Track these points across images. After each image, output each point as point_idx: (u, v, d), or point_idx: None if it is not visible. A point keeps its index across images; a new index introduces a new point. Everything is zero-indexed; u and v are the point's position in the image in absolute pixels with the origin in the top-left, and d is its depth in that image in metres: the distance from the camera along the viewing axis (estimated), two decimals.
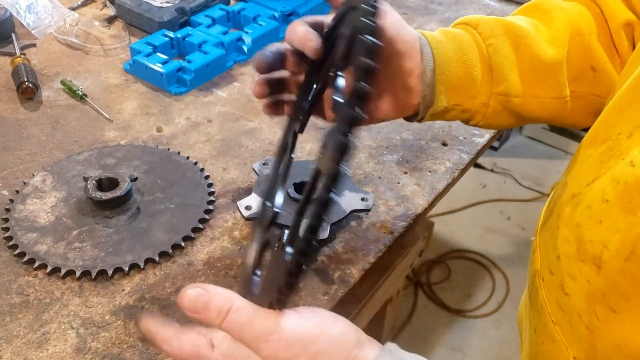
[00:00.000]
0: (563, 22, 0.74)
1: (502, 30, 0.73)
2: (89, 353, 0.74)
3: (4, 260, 0.85)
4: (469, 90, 0.74)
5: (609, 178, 0.56)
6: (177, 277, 0.84)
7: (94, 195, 0.89)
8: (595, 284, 0.55)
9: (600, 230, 0.55)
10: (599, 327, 0.56)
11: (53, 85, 1.20)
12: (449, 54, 0.72)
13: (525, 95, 0.74)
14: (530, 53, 0.72)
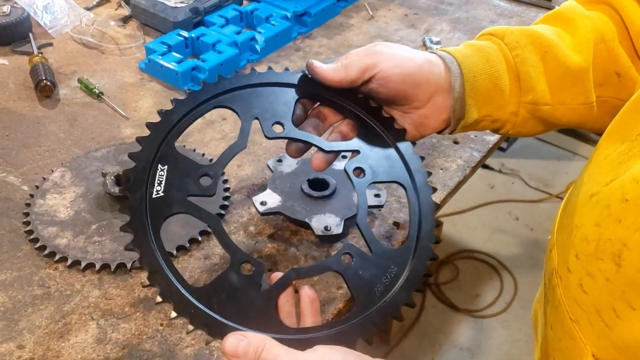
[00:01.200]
0: (587, 29, 0.75)
1: (527, 40, 0.75)
2: (109, 343, 0.76)
3: (25, 253, 0.87)
4: (498, 101, 0.75)
5: (628, 178, 0.56)
6: (194, 270, 0.85)
7: (112, 190, 0.91)
8: (614, 282, 0.56)
9: (619, 229, 0.55)
10: (619, 324, 0.56)
11: (70, 84, 1.22)
12: (477, 67, 0.74)
13: (553, 102, 0.75)
14: (556, 61, 0.74)
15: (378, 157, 0.72)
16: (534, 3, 1.58)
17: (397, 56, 0.71)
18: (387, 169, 0.72)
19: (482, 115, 0.76)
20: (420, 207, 0.70)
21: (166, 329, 0.78)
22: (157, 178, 0.63)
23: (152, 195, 0.63)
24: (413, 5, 1.56)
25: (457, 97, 0.73)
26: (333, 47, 1.38)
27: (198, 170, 0.66)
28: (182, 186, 0.65)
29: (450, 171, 1.04)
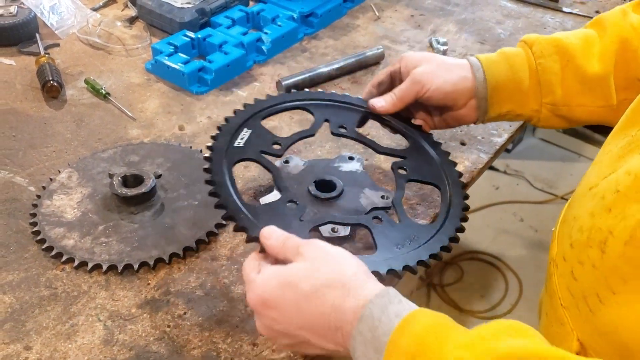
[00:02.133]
0: (613, 38, 0.86)
1: (553, 50, 0.88)
2: (117, 345, 0.76)
3: (32, 254, 0.87)
4: (520, 100, 0.90)
5: (623, 170, 0.59)
6: (201, 272, 0.85)
7: (119, 191, 0.91)
8: (599, 268, 0.59)
9: (608, 218, 0.58)
10: (601, 309, 0.59)
11: (77, 84, 1.22)
12: (500, 73, 0.89)
13: (571, 104, 0.88)
14: (576, 69, 0.86)
15: (419, 162, 0.89)
16: (541, 4, 1.57)
17: (437, 79, 0.88)
18: (426, 172, 0.89)
19: (506, 111, 0.91)
20: (451, 200, 0.85)
21: (173, 330, 0.78)
22: (240, 136, 0.84)
23: (234, 144, 0.83)
24: (419, 6, 1.56)
25: (482, 97, 0.89)
26: (339, 48, 1.38)
27: (272, 139, 0.87)
28: (258, 145, 0.85)
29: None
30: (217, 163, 0.79)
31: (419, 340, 0.54)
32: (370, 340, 0.57)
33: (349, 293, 0.60)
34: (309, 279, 0.62)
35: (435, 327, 0.55)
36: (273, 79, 1.26)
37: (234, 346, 0.76)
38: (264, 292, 0.64)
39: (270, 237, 0.68)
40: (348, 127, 0.91)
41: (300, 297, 0.62)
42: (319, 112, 0.91)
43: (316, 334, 0.62)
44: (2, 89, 1.20)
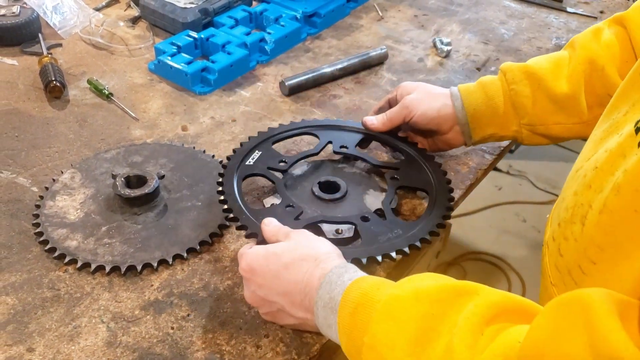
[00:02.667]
0: (580, 59, 0.93)
1: (523, 75, 0.95)
2: (120, 347, 0.76)
3: (35, 255, 0.86)
4: (499, 124, 0.98)
5: (602, 150, 0.64)
6: (204, 273, 0.85)
7: (122, 192, 0.91)
8: (580, 241, 0.63)
9: (589, 194, 0.62)
10: (584, 279, 0.62)
11: (79, 85, 1.21)
12: (477, 101, 0.97)
13: (547, 123, 0.96)
14: (547, 90, 0.94)
15: (411, 171, 0.97)
16: (545, 4, 1.57)
17: (423, 105, 0.97)
18: (415, 180, 0.96)
19: (489, 134, 0.99)
20: (436, 201, 0.91)
21: (177, 332, 0.77)
22: (252, 156, 0.96)
23: (245, 162, 0.95)
24: (422, 6, 1.55)
25: (463, 123, 0.98)
26: (342, 48, 1.37)
27: (279, 158, 0.97)
28: (265, 163, 0.96)
29: (462, 174, 1.03)
30: (229, 177, 0.91)
31: (364, 292, 0.64)
32: (328, 302, 0.67)
33: (318, 265, 0.71)
34: (290, 252, 0.74)
35: (380, 283, 0.66)
36: (276, 79, 1.26)
37: (238, 348, 0.76)
38: (252, 260, 0.75)
39: (269, 224, 0.81)
40: (349, 147, 1.00)
41: (280, 267, 0.73)
42: (323, 135, 1.02)
43: (290, 301, 0.72)
44: (4, 89, 1.19)
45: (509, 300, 0.59)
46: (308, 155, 1.00)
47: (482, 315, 0.56)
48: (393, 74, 1.30)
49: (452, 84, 1.26)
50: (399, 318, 0.60)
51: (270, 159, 0.97)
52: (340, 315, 0.65)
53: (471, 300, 0.58)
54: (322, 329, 0.70)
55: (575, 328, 0.47)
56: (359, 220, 0.87)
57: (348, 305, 0.65)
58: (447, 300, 0.59)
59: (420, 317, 0.59)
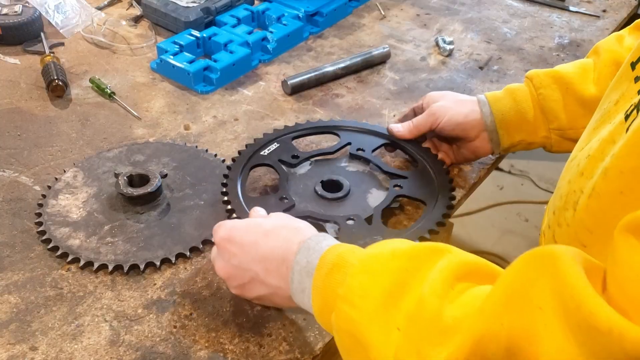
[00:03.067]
0: (606, 62, 0.93)
1: (551, 80, 0.95)
2: (123, 346, 0.76)
3: (38, 254, 0.86)
4: (527, 129, 0.97)
5: (595, 139, 0.66)
6: (207, 272, 0.85)
7: (125, 191, 0.91)
8: (572, 225, 0.65)
9: (581, 180, 0.64)
10: None
11: (82, 84, 1.21)
12: (505, 107, 0.97)
13: (577, 127, 0.94)
14: (575, 95, 0.94)
15: (417, 182, 0.95)
16: (547, 3, 1.56)
17: (450, 111, 0.98)
18: (419, 191, 0.94)
19: (517, 141, 0.98)
20: (431, 215, 0.89)
21: (180, 331, 0.77)
22: (268, 147, 0.99)
23: (261, 152, 0.99)
24: (425, 5, 1.55)
25: (491, 130, 0.98)
26: (345, 47, 1.37)
27: (293, 152, 0.99)
28: (278, 155, 0.98)
29: (465, 172, 1.03)
30: (236, 168, 0.95)
31: (340, 254, 0.66)
32: (305, 266, 0.68)
33: (298, 232, 0.73)
34: (271, 222, 0.76)
35: (356, 247, 0.67)
36: (279, 78, 1.26)
37: (241, 347, 0.76)
38: (232, 228, 0.76)
39: (257, 212, 0.82)
40: (366, 150, 1.01)
41: (260, 234, 0.74)
42: (345, 136, 1.04)
43: (265, 268, 0.72)
44: (7, 88, 1.19)
45: (481, 263, 0.60)
46: (322, 153, 1.01)
47: (454, 270, 0.57)
48: (395, 73, 1.29)
49: (454, 83, 1.26)
50: (374, 272, 0.62)
51: (284, 152, 0.99)
52: (315, 276, 0.66)
53: (444, 258, 0.59)
54: (294, 294, 0.70)
55: (542, 276, 0.49)
56: (344, 221, 0.87)
57: (324, 267, 0.66)
58: (421, 256, 0.61)
59: (395, 271, 0.61)
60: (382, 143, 1.03)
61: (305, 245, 0.70)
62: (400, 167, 1.03)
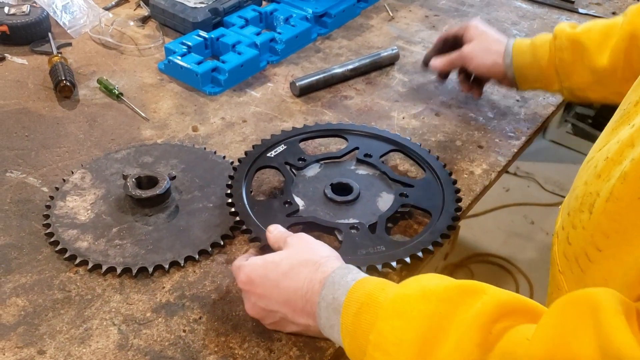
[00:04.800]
0: (623, 35, 0.95)
1: (569, 44, 1.01)
2: (131, 350, 0.75)
3: (46, 256, 0.86)
4: (544, 82, 1.07)
5: (614, 140, 0.65)
6: (216, 275, 0.84)
7: (133, 193, 0.90)
8: (587, 229, 0.63)
9: (598, 183, 0.63)
10: (590, 267, 0.63)
11: (89, 84, 1.21)
12: (525, 62, 1.06)
13: (586, 90, 1.02)
14: (589, 62, 0.99)
15: (423, 191, 0.94)
16: (556, 5, 1.55)
17: (476, 60, 1.11)
18: (425, 201, 0.93)
19: (535, 87, 1.10)
20: (435, 227, 0.87)
21: (189, 335, 0.76)
22: (275, 149, 0.99)
23: (267, 154, 0.98)
24: (433, 7, 1.54)
25: (511, 78, 1.09)
26: (353, 49, 1.36)
27: (300, 155, 0.98)
28: (285, 158, 0.98)
29: (476, 176, 1.02)
30: (241, 170, 0.94)
31: (368, 292, 0.64)
32: (331, 302, 0.66)
33: (318, 269, 0.70)
34: (289, 259, 0.73)
35: (384, 283, 0.65)
36: (287, 80, 1.25)
37: (251, 352, 0.75)
38: (251, 271, 0.74)
39: (273, 231, 0.80)
40: (373, 155, 1.00)
41: (279, 275, 0.72)
42: (353, 140, 1.03)
43: (292, 308, 0.71)
44: (14, 88, 1.19)
45: (516, 300, 0.58)
46: (329, 157, 1.00)
47: (490, 314, 0.55)
48: (404, 74, 1.29)
49: None
50: (406, 316, 0.59)
51: (291, 154, 0.98)
52: (344, 314, 0.64)
53: (479, 299, 0.57)
54: (324, 330, 0.69)
55: (583, 328, 0.47)
56: (347, 228, 0.86)
57: (352, 305, 0.64)
58: (454, 299, 0.58)
59: (428, 315, 0.58)
60: (390, 149, 1.02)
61: (330, 280, 0.68)
62: (407, 171, 1.03)
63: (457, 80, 1.21)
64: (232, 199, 0.89)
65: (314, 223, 0.88)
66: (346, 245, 0.84)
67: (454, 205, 0.91)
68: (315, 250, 0.74)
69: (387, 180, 0.96)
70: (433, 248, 0.84)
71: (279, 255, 0.74)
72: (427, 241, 0.85)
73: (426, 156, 1.00)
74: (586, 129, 2.96)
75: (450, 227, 0.87)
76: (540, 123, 1.16)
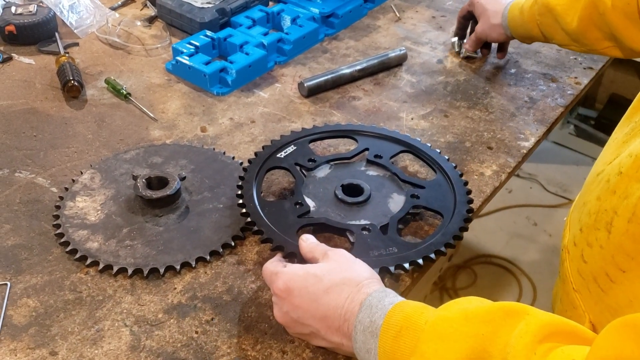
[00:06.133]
0: (586, 3, 1.02)
1: (545, 9, 1.10)
2: (144, 351, 0.74)
3: (56, 257, 0.85)
4: (540, 38, 1.17)
5: (626, 154, 0.63)
6: (228, 277, 0.84)
7: (144, 193, 0.90)
8: (606, 248, 0.61)
9: (613, 200, 0.61)
10: (613, 287, 0.61)
11: (97, 84, 1.20)
12: (518, 28, 1.19)
13: (570, 46, 1.12)
14: (562, 25, 1.08)
15: (435, 192, 0.94)
16: None
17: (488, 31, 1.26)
18: (437, 202, 0.92)
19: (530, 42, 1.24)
20: (448, 228, 0.87)
21: (201, 336, 0.76)
22: (285, 149, 0.98)
23: (277, 155, 0.98)
24: (440, 8, 1.54)
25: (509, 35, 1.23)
26: (360, 49, 1.36)
27: (310, 156, 0.98)
28: (295, 158, 0.97)
29: (486, 177, 1.02)
30: (251, 171, 0.93)
31: (407, 315, 0.63)
32: (368, 325, 0.65)
33: (360, 290, 0.69)
34: (331, 274, 0.71)
35: (422, 307, 0.64)
36: (294, 80, 1.25)
37: (264, 353, 0.75)
38: (290, 279, 0.71)
39: (306, 241, 0.79)
40: (384, 157, 0.99)
41: (320, 289, 0.70)
42: (363, 141, 1.02)
43: (326, 326, 0.69)
44: (22, 88, 1.18)
45: (560, 322, 0.57)
46: (339, 158, 1.00)
47: (535, 334, 0.54)
48: (412, 75, 1.28)
49: (473, 86, 1.25)
50: (448, 338, 0.58)
51: (301, 155, 0.98)
52: (382, 338, 0.63)
53: (522, 320, 0.56)
54: (359, 354, 0.67)
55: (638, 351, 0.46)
56: (359, 230, 0.86)
57: (391, 329, 0.62)
58: (496, 320, 0.57)
59: (471, 337, 0.57)
60: (400, 150, 1.02)
61: (367, 303, 0.67)
62: (417, 172, 1.02)
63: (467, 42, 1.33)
64: (243, 199, 0.88)
65: (325, 224, 0.87)
66: (358, 247, 0.84)
67: (465, 207, 0.90)
68: (358, 269, 0.73)
69: (397, 182, 0.96)
70: (445, 249, 0.84)
71: (321, 269, 0.72)
72: (440, 243, 0.84)
73: (437, 157, 0.99)
74: (589, 130, 2.97)
75: (463, 229, 0.87)
76: (549, 124, 1.15)
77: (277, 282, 0.72)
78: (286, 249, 0.81)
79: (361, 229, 0.86)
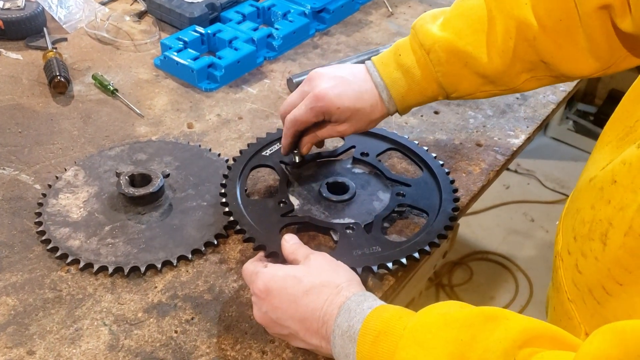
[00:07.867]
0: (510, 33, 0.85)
1: (449, 55, 0.87)
2: (122, 351, 0.74)
3: (37, 254, 0.85)
4: (429, 98, 0.93)
5: (619, 160, 0.60)
6: (209, 275, 0.83)
7: (126, 191, 0.89)
8: (601, 260, 0.59)
9: (608, 210, 0.59)
10: (610, 300, 0.59)
11: (84, 80, 1.19)
12: (403, 89, 0.90)
13: (476, 93, 0.92)
14: (476, 67, 0.88)
15: (421, 190, 0.93)
16: None
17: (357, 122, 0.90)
18: (422, 200, 0.91)
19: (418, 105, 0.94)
20: (432, 227, 0.86)
21: (180, 336, 0.75)
22: (270, 147, 0.97)
23: (262, 153, 0.97)
24: (433, 2, 1.53)
25: (392, 111, 0.92)
26: (352, 45, 1.35)
27: (296, 153, 0.94)
28: (280, 156, 0.95)
29: (474, 175, 1.01)
30: (236, 169, 0.92)
31: (386, 320, 0.62)
32: (346, 330, 0.64)
33: (340, 292, 0.69)
34: (311, 276, 0.71)
35: (401, 311, 0.63)
36: (284, 76, 1.23)
37: (243, 353, 0.74)
38: (270, 280, 0.71)
39: (289, 241, 0.78)
40: (370, 154, 0.98)
41: (299, 291, 0.69)
42: (349, 138, 1.00)
43: (305, 327, 0.69)
44: (8, 84, 1.18)
45: (541, 326, 0.56)
46: (325, 156, 0.99)
47: (514, 339, 0.54)
48: None
49: None
50: (427, 344, 0.57)
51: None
52: (360, 343, 0.62)
53: (501, 325, 0.56)
54: (338, 358, 0.66)
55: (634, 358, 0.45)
56: (343, 228, 0.85)
57: (369, 334, 0.62)
58: (476, 325, 0.57)
59: (450, 342, 0.56)
60: (387, 147, 1.00)
61: (345, 307, 0.66)
62: (405, 170, 1.01)
63: None
64: (226, 198, 0.87)
65: (309, 223, 0.86)
66: (341, 246, 0.83)
67: (451, 205, 0.89)
68: (338, 272, 0.72)
69: (383, 180, 0.95)
70: (430, 248, 0.83)
71: (301, 270, 0.72)
72: (424, 241, 0.83)
73: (424, 155, 0.98)
74: (587, 126, 2.95)
75: (448, 227, 0.86)
76: (540, 121, 1.14)
77: (257, 282, 0.72)
78: (268, 248, 0.80)
79: (345, 227, 0.85)
